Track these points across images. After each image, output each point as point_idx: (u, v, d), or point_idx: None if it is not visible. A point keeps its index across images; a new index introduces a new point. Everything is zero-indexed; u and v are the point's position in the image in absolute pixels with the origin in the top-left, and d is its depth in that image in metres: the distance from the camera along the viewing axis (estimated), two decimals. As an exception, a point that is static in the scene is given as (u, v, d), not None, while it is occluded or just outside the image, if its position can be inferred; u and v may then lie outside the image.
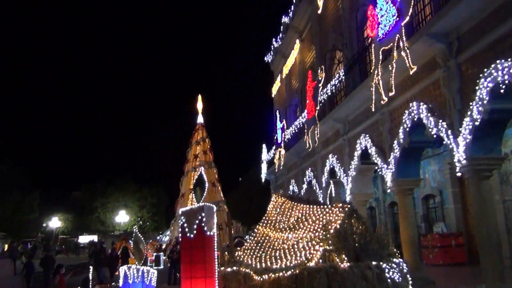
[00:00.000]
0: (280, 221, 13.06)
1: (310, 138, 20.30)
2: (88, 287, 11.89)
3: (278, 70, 34.82)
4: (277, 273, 10.16)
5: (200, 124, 34.88)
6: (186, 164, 34.69)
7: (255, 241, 12.68)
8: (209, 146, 34.39)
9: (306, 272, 9.64)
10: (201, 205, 10.97)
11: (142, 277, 11.16)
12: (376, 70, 13.40)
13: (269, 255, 11.60)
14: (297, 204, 13.25)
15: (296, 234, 11.94)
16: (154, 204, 58.20)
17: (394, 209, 24.11)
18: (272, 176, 33.66)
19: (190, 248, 10.64)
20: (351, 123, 18.13)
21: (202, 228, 10.47)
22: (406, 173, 14.07)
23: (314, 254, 10.58)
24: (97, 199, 56.32)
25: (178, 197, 34.64)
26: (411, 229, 14.04)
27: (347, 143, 18.40)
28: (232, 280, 10.88)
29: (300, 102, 27.08)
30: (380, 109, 14.77)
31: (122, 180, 56.94)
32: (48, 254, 19.73)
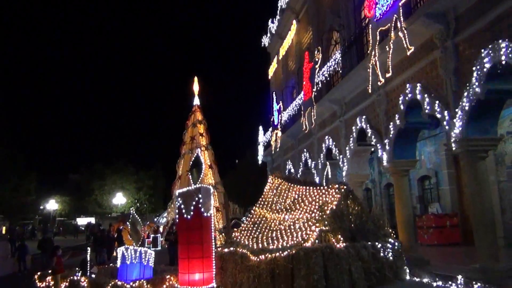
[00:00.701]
0: (277, 202, 13.14)
1: (306, 120, 20.29)
2: (86, 268, 11.98)
3: (274, 51, 34.59)
4: (273, 253, 10.26)
5: (197, 106, 34.65)
6: (182, 146, 34.57)
7: (252, 222, 12.77)
8: (205, 128, 34.25)
9: (302, 252, 9.73)
10: (198, 186, 11.00)
11: (140, 257, 11.25)
12: (373, 51, 13.33)
13: (265, 236, 11.70)
14: (293, 185, 13.32)
15: (293, 215, 12.02)
16: (151, 186, 58.37)
17: (390, 190, 24.26)
18: (268, 158, 33.72)
19: (187, 229, 10.72)
20: (347, 105, 18.11)
21: (199, 210, 10.52)
22: (402, 154, 14.11)
23: (311, 234, 10.67)
24: (94, 181, 56.42)
25: (175, 179, 34.64)
26: (406, 210, 14.14)
27: (343, 125, 18.41)
28: (229, 260, 10.99)
29: (297, 84, 26.99)
30: (377, 91, 14.74)
31: (119, 162, 57.00)
32: (46, 237, 19.72)
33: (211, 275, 10.52)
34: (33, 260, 19.96)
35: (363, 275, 10.50)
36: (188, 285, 10.34)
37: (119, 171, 56.37)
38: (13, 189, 42.79)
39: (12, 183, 41.82)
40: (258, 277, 10.26)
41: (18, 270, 17.40)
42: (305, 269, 9.54)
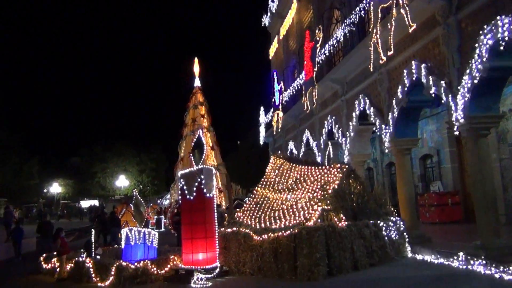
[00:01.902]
0: (279, 182, 13.22)
1: (308, 100, 20.18)
2: (91, 250, 12.10)
3: (275, 31, 34.24)
4: (276, 233, 10.38)
5: (197, 87, 34.55)
6: (184, 128, 34.59)
7: (254, 202, 12.87)
8: (206, 110, 34.21)
9: (305, 231, 9.84)
10: (200, 167, 11.05)
11: (144, 238, 11.35)
12: (374, 28, 13.16)
13: (268, 216, 11.82)
14: (295, 165, 13.39)
15: (295, 195, 12.12)
16: (153, 168, 58.57)
17: (391, 169, 24.28)
18: (270, 139, 33.69)
19: (190, 210, 10.80)
20: (349, 84, 17.99)
21: (202, 190, 10.59)
22: (404, 133, 14.06)
23: (313, 213, 10.78)
24: (96, 164, 56.60)
25: (177, 161, 34.75)
26: (408, 188, 14.16)
27: (345, 104, 18.32)
28: (232, 240, 11.11)
29: (298, 64, 26.78)
30: (379, 69, 14.61)
31: (120, 145, 57.09)
32: (45, 220, 18.86)
33: (214, 254, 10.66)
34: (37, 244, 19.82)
35: (365, 253, 10.65)
36: (192, 264, 10.48)
37: (121, 153, 56.49)
38: (15, 173, 43.00)
39: (14, 167, 41.98)
40: (261, 256, 10.40)
41: (15, 256, 16.69)
42: (308, 247, 9.66)
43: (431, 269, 10.16)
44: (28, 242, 19.02)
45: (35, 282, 11.80)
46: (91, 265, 10.92)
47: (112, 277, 10.31)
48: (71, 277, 11.42)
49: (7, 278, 12.65)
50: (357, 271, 10.20)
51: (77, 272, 11.25)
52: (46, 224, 17.59)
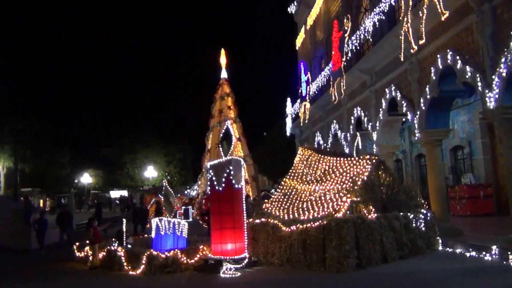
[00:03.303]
0: (307, 173, 13.18)
1: (335, 91, 19.99)
2: (122, 239, 12.36)
3: (302, 21, 33.93)
4: (305, 224, 10.36)
5: (224, 79, 34.53)
6: (211, 119, 34.68)
7: (283, 194, 12.87)
8: (233, 101, 34.22)
9: (334, 223, 9.78)
10: (229, 158, 11.11)
11: (174, 228, 11.51)
12: (405, 17, 12.90)
13: (296, 207, 11.81)
14: (323, 156, 13.30)
15: (323, 186, 12.06)
16: (180, 159, 59.27)
17: (421, 161, 23.88)
18: (297, 130, 33.57)
19: (219, 200, 10.89)
20: (378, 74, 17.71)
21: (230, 181, 10.64)
22: (435, 124, 13.78)
23: (342, 205, 10.71)
24: (125, 155, 57.68)
25: (204, 152, 34.99)
26: (439, 180, 13.91)
27: (374, 95, 18.06)
28: (260, 230, 11.14)
29: (325, 54, 26.50)
30: (409, 58, 14.31)
31: (149, 136, 57.96)
32: (64, 210, 18.43)
33: (243, 245, 10.71)
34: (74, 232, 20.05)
35: (395, 246, 10.53)
36: (220, 254, 10.57)
37: (149, 145, 57.39)
38: (47, 164, 44.25)
39: (46, 158, 43.18)
40: (290, 247, 10.40)
41: (39, 247, 16.16)
42: (337, 239, 9.61)
43: (463, 262, 9.98)
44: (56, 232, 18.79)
45: (69, 269, 12.12)
46: (123, 254, 11.15)
47: (143, 265, 10.51)
48: (103, 265, 11.69)
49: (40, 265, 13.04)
50: (387, 264, 10.10)
51: (109, 261, 11.51)
52: (64, 215, 17.28)
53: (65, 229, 17.01)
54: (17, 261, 14.05)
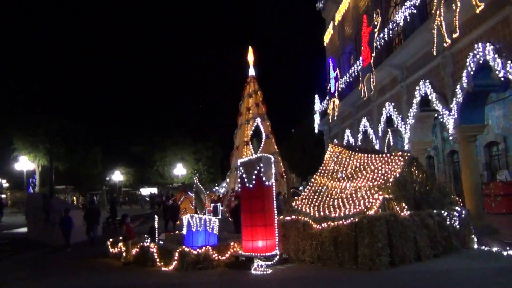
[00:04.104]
0: (338, 170, 13.07)
1: (365, 87, 19.73)
2: (154, 235, 12.54)
3: (330, 17, 33.60)
4: (336, 221, 10.28)
5: (252, 76, 34.53)
6: (239, 117, 34.75)
7: (313, 191, 12.81)
8: (261, 99, 34.21)
9: (366, 220, 9.67)
10: (259, 155, 11.12)
11: (205, 225, 11.61)
12: (438, 10, 12.61)
13: (327, 204, 11.73)
14: (354, 153, 13.16)
15: (354, 183, 11.93)
16: (209, 157, 59.75)
17: (454, 157, 23.36)
18: (325, 127, 33.31)
19: (250, 197, 10.92)
20: (409, 69, 17.38)
21: (261, 178, 10.66)
22: (469, 119, 13.45)
23: (374, 202, 10.57)
24: (155, 153, 58.57)
25: (233, 149, 35.13)
26: (474, 177, 13.57)
27: (405, 90, 17.73)
28: (291, 228, 11.12)
29: (354, 50, 26.19)
30: (442, 52, 13.98)
31: (178, 134, 58.65)
32: (91, 207, 17.95)
33: (274, 242, 10.72)
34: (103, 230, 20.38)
35: (429, 244, 10.34)
36: (251, 251, 10.61)
37: (178, 142, 58.08)
38: (80, 162, 45.39)
39: (79, 156, 44.30)
40: (321, 245, 10.35)
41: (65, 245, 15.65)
42: (369, 237, 9.51)
43: (499, 261, 9.73)
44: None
45: (103, 265, 12.39)
46: (155, 250, 11.33)
47: (175, 262, 10.65)
48: (136, 261, 11.91)
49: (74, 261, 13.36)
50: (420, 262, 9.94)
51: (142, 257, 11.72)
52: (92, 211, 17.02)
53: (92, 226, 16.81)
54: (53, 257, 14.42)
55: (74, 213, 16.99)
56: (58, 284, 10.30)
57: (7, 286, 10.28)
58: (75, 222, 16.36)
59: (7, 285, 10.35)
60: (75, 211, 17.62)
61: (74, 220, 16.21)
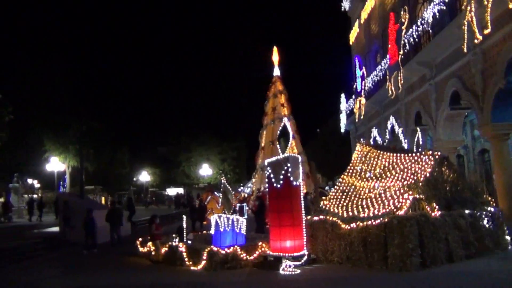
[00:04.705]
0: (366, 170, 12.91)
1: (393, 85, 19.48)
2: (183, 235, 12.65)
3: (355, 15, 33.31)
4: (365, 222, 10.15)
5: (277, 76, 34.58)
6: (264, 117, 34.86)
7: (341, 191, 12.68)
8: (286, 98, 34.18)
9: (396, 221, 9.51)
10: (286, 155, 11.08)
11: (232, 225, 11.63)
12: (469, 5, 12.35)
13: (355, 204, 11.59)
14: (383, 152, 12.99)
15: (383, 183, 11.76)
16: (234, 157, 59.99)
17: (484, 156, 22.79)
18: (352, 126, 33.03)
19: (277, 197, 10.89)
20: (438, 67, 17.07)
21: (288, 178, 10.61)
22: (501, 117, 13.14)
23: (404, 202, 10.39)
24: (181, 153, 59.16)
25: (258, 150, 35.17)
26: (506, 177, 13.24)
27: (434, 88, 17.43)
28: (319, 228, 11.03)
29: (381, 48, 25.88)
30: (473, 49, 13.69)
31: (204, 135, 59.10)
32: (114, 207, 17.53)
33: (302, 242, 10.66)
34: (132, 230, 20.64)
35: (461, 245, 10.11)
36: (279, 251, 10.58)
37: (204, 143, 58.53)
38: (108, 162, 46.21)
39: (108, 157, 45.10)
40: (350, 245, 10.24)
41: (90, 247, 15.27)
42: (399, 237, 9.35)
43: (535, 263, 9.45)
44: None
45: (132, 264, 12.55)
46: (184, 250, 11.42)
47: (204, 261, 10.70)
48: (165, 260, 12.04)
49: (104, 259, 13.60)
50: (452, 263, 9.72)
51: (171, 256, 11.82)
52: (114, 212, 16.78)
53: (115, 227, 16.59)
54: (83, 255, 14.68)
55: (101, 213, 17.11)
56: (88, 283, 10.48)
57: (40, 284, 10.52)
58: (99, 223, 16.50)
59: (40, 283, 10.59)
60: (102, 211, 17.71)
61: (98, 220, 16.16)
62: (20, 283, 10.64)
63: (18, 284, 10.54)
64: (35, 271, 12.23)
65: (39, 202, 32.30)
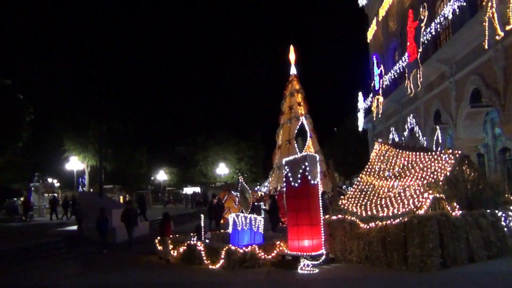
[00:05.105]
0: (384, 169, 12.78)
1: (411, 83, 19.24)
2: (201, 234, 12.71)
3: (373, 13, 32.98)
4: (384, 221, 10.05)
5: (293, 75, 34.46)
6: (281, 116, 34.77)
7: (359, 190, 12.58)
8: (303, 97, 34.05)
9: (416, 220, 9.40)
10: (304, 154, 11.03)
11: (250, 224, 11.64)
12: (490, 1, 12.11)
13: (374, 203, 11.48)
14: (402, 151, 12.84)
15: (402, 182, 11.63)
16: (251, 156, 59.99)
17: (506, 155, 22.34)
18: (369, 125, 32.74)
19: (295, 197, 10.85)
20: (458, 64, 16.80)
21: (306, 177, 10.57)
22: (524, 115, 12.87)
23: (424, 202, 10.26)
24: (198, 152, 59.44)
25: (275, 149, 35.12)
26: (529, 176, 12.96)
27: (454, 86, 17.16)
28: (337, 227, 10.97)
29: (399, 46, 25.60)
30: (494, 46, 13.43)
31: (220, 134, 59.26)
32: (129, 208, 17.33)
33: (320, 241, 10.61)
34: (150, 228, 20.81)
35: (483, 245, 9.97)
36: (298, 251, 10.55)
37: (221, 142, 58.70)
38: (127, 161, 46.64)
39: (126, 156, 45.53)
40: (369, 245, 10.16)
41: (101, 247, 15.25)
42: (419, 237, 9.24)
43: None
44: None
45: (151, 262, 12.64)
46: (202, 248, 11.47)
47: (222, 260, 10.74)
48: (183, 259, 12.10)
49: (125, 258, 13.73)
50: (474, 264, 9.60)
51: (190, 255, 11.89)
52: (129, 212, 16.57)
53: (129, 227, 16.39)
54: (102, 254, 14.81)
55: (120, 212, 17.18)
56: (107, 281, 10.60)
57: (61, 282, 10.67)
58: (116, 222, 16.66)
59: (61, 281, 10.74)
60: (121, 210, 17.78)
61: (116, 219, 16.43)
62: (42, 281, 10.80)
63: (40, 282, 10.70)
64: (56, 269, 12.42)
65: (64, 201, 32.69)
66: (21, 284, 10.67)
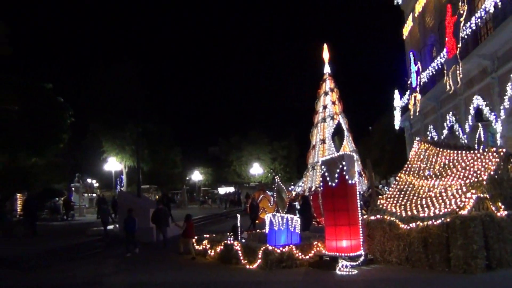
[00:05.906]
0: (424, 168, 12.47)
1: (451, 79, 18.68)
2: (237, 233, 12.76)
3: (409, 8, 32.24)
4: (425, 222, 9.80)
5: (328, 74, 34.05)
6: (315, 115, 34.43)
7: (398, 189, 12.31)
8: (338, 96, 33.63)
9: (459, 221, 9.12)
10: (342, 153, 10.89)
11: (287, 224, 11.59)
12: (535, -7, 11.62)
13: (414, 203, 11.20)
14: (442, 150, 12.49)
15: (444, 181, 11.30)
16: (285, 156, 59.90)
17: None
18: (406, 123, 32.02)
19: (333, 196, 10.73)
20: (501, 59, 16.19)
21: (344, 177, 10.43)
22: None
23: (467, 202, 9.94)
24: (232, 153, 59.80)
25: (309, 148, 34.86)
26: None
27: (496, 82, 16.55)
28: (376, 228, 10.77)
29: (437, 41, 24.89)
30: (540, 39, 12.89)
31: (254, 133, 59.41)
32: (159, 207, 17.22)
33: (358, 242, 10.45)
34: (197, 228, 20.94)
35: (531, 246, 9.54)
36: (335, 251, 10.43)
37: (254, 142, 58.87)
38: (162, 162, 47.40)
39: (161, 156, 46.28)
40: (409, 246, 9.94)
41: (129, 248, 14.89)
42: (463, 238, 8.96)
43: None
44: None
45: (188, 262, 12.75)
46: (239, 248, 11.50)
47: (259, 260, 10.73)
48: (220, 258, 12.19)
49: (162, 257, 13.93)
50: (520, 266, 9.21)
51: (226, 254, 11.95)
52: (159, 213, 16.49)
53: (161, 228, 16.31)
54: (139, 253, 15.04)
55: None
56: (145, 280, 10.72)
57: (102, 280, 10.91)
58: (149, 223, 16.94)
59: (102, 279, 10.99)
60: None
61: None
62: (84, 279, 11.07)
63: (83, 281, 10.97)
64: (97, 267, 12.73)
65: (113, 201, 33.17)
66: (64, 282, 10.96)
